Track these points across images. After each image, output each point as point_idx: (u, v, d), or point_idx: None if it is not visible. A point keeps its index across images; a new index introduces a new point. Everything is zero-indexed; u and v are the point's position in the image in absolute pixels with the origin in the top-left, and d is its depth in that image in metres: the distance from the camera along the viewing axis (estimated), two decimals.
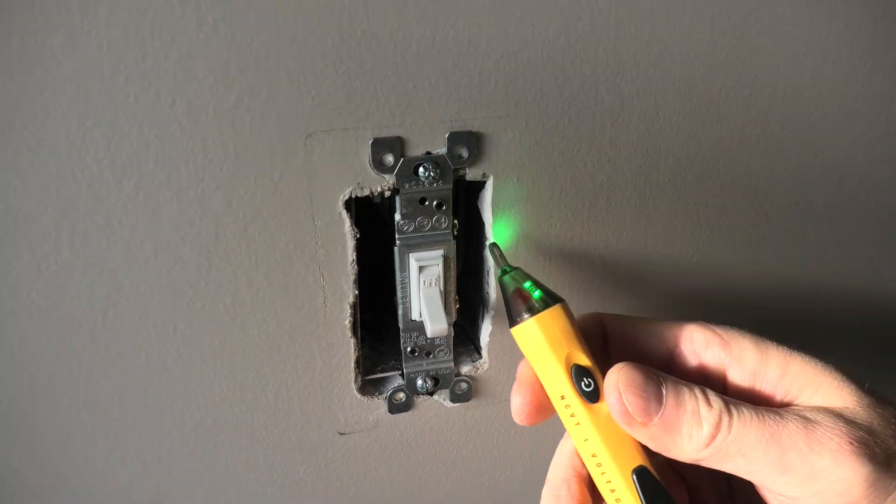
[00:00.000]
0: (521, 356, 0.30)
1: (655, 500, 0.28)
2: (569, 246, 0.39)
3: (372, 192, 0.34)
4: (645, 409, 0.27)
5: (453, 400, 0.41)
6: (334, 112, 0.32)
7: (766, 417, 0.26)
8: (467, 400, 0.41)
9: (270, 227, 0.33)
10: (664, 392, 0.27)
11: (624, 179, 0.38)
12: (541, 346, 0.29)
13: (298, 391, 0.38)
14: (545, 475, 0.32)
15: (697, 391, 0.27)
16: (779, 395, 0.29)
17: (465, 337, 0.43)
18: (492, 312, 0.39)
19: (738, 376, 0.30)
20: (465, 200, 0.39)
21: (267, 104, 0.31)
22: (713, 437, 0.26)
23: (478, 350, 0.41)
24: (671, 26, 0.35)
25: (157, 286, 0.33)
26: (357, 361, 0.38)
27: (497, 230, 0.37)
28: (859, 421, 0.26)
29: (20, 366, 0.33)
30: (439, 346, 0.39)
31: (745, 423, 0.26)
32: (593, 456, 0.29)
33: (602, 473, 0.29)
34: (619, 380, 0.28)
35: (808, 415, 0.26)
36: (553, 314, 0.30)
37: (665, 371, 0.31)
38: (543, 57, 0.33)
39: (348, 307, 0.36)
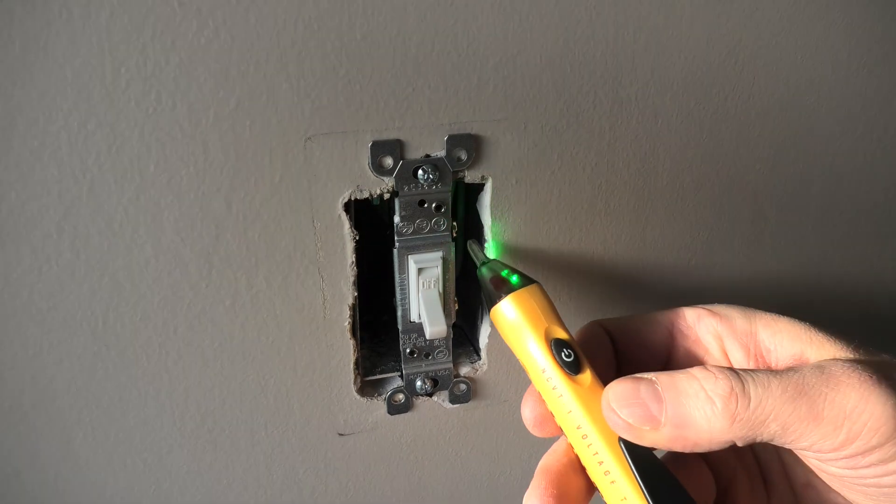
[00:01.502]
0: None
1: (645, 468, 0.27)
2: (567, 248, 0.39)
3: (371, 195, 0.34)
4: (646, 414, 0.26)
5: (452, 401, 0.41)
6: (334, 115, 0.32)
7: (784, 374, 0.25)
8: (466, 401, 0.41)
9: (270, 229, 0.33)
10: (659, 389, 0.26)
11: (622, 182, 0.38)
12: (518, 323, 0.30)
13: (298, 392, 0.38)
14: None
15: (696, 371, 0.26)
16: (773, 351, 0.29)
17: (463, 338, 0.43)
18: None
19: (733, 341, 0.30)
20: (464, 202, 0.39)
21: (267, 108, 0.31)
22: (731, 409, 0.25)
23: (477, 351, 0.42)
24: (669, 30, 0.35)
25: (158, 288, 0.33)
26: (356, 363, 0.38)
27: (495, 232, 0.37)
28: (868, 361, 0.26)
29: (21, 367, 0.33)
30: (438, 347, 0.39)
31: (764, 384, 0.25)
32: (578, 428, 0.28)
33: (588, 446, 0.28)
34: (609, 399, 0.27)
35: (821, 364, 0.26)
36: (529, 291, 0.30)
37: (669, 353, 0.32)
38: (542, 60, 0.33)
39: (347, 309, 0.36)
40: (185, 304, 0.34)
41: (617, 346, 0.33)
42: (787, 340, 0.29)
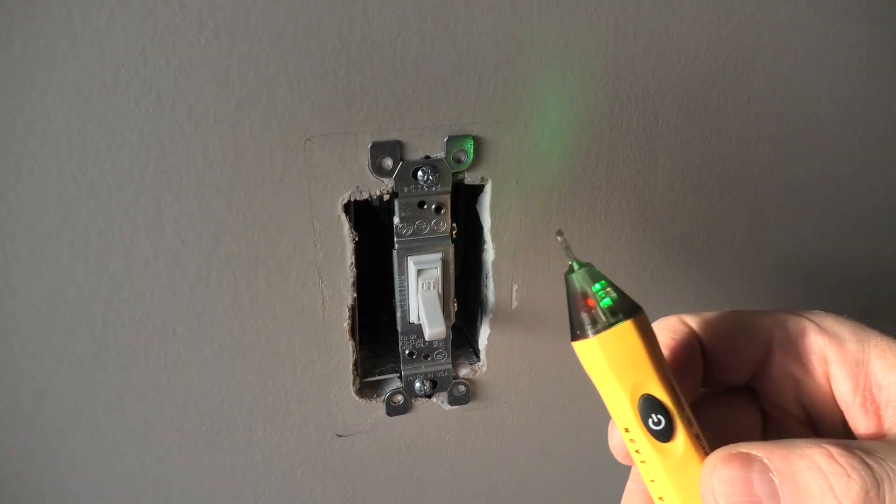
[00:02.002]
0: (519, 360, 0.30)
1: None
2: None
3: (371, 196, 0.34)
4: None
5: (451, 402, 0.41)
6: (334, 116, 0.32)
7: None
8: (465, 402, 0.41)
9: (270, 230, 0.33)
10: (776, 482, 0.21)
11: (622, 183, 0.38)
12: (603, 371, 0.24)
13: (297, 393, 0.38)
14: (544, 479, 0.33)
15: (819, 459, 0.21)
16: (886, 389, 0.25)
17: (463, 340, 0.43)
18: (490, 315, 0.39)
19: (840, 368, 0.26)
20: (464, 203, 0.39)
21: (267, 109, 0.31)
22: None
23: (476, 353, 0.41)
24: (669, 32, 0.35)
25: (157, 289, 0.33)
26: (355, 364, 0.38)
27: (494, 234, 0.37)
28: None
29: (21, 367, 0.33)
30: (437, 348, 0.39)
31: None
32: (661, 500, 0.25)
33: None
34: (714, 487, 0.22)
35: None
36: (621, 332, 0.24)
37: (763, 365, 0.28)
38: (541, 62, 0.33)
39: (347, 310, 0.36)
40: (184, 305, 0.34)
41: (705, 352, 0.28)
42: None
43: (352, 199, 0.34)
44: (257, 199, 0.32)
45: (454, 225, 0.38)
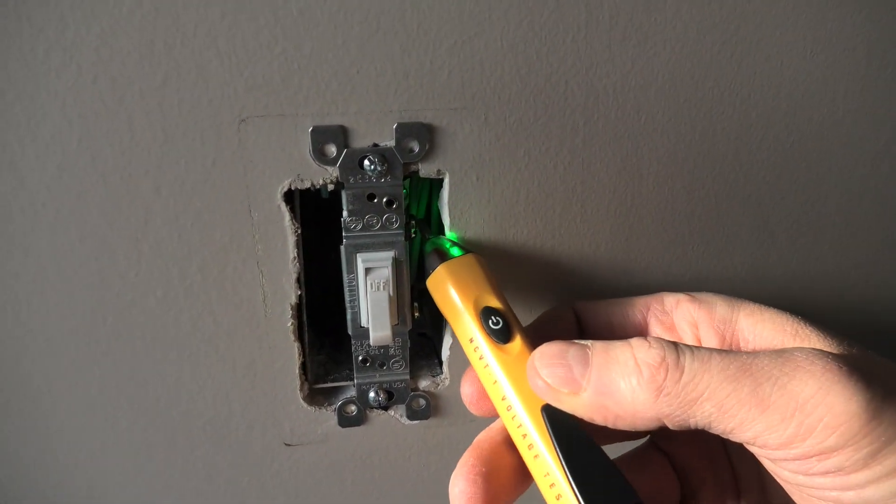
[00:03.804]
0: None
1: (567, 437, 0.25)
2: (538, 256, 0.35)
3: (314, 185, 0.32)
4: (568, 376, 0.24)
5: (410, 417, 0.38)
6: (270, 96, 0.30)
7: (731, 354, 0.22)
8: (426, 418, 0.38)
9: (204, 217, 0.31)
10: (590, 353, 0.24)
11: (600, 184, 0.34)
12: (448, 291, 0.29)
13: (238, 395, 0.35)
14: None
15: (634, 340, 0.24)
16: (751, 342, 0.26)
17: (430, 350, 0.40)
18: None
19: (708, 328, 0.28)
20: (427, 200, 0.36)
21: (196, 85, 0.29)
22: (659, 380, 0.22)
23: (441, 364, 0.38)
24: (650, 14, 0.31)
25: (85, 274, 0.31)
26: (302, 367, 0.35)
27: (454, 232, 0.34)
28: (845, 354, 0.22)
29: None
30: (394, 356, 0.36)
31: (703, 359, 0.22)
32: (503, 399, 0.27)
33: (512, 417, 0.26)
34: (534, 359, 0.25)
35: (783, 349, 0.22)
36: (462, 260, 0.30)
37: None
38: (504, 44, 0.30)
39: (290, 308, 0.34)
40: (113, 293, 0.32)
41: (586, 329, 0.31)
42: (769, 331, 0.26)
43: (293, 188, 0.31)
44: (188, 184, 0.30)
45: (414, 222, 0.35)
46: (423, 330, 0.41)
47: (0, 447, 0.35)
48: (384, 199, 0.32)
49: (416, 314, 0.39)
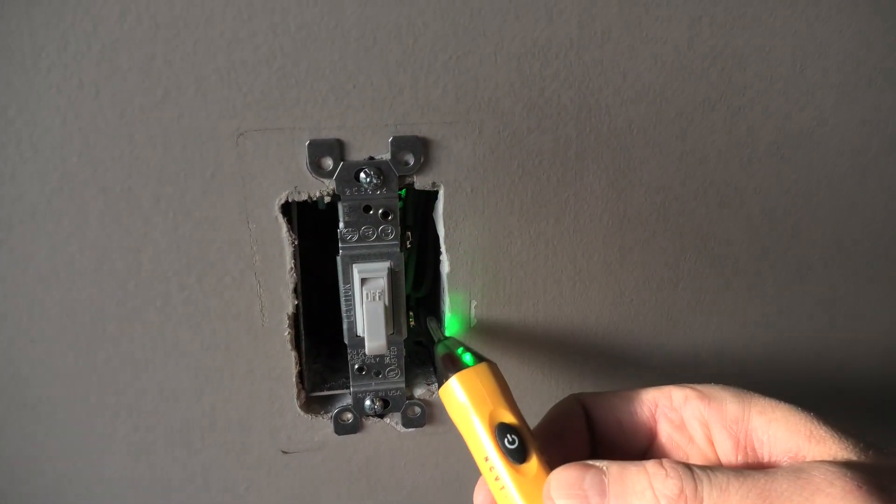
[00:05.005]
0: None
1: None
2: (531, 267, 0.36)
3: (310, 197, 0.32)
4: None
5: (406, 424, 0.38)
6: (268, 110, 0.30)
7: (750, 476, 0.22)
8: (421, 426, 0.38)
9: (203, 228, 0.32)
10: (606, 481, 0.24)
11: (594, 196, 0.35)
12: (462, 404, 0.28)
13: (236, 402, 0.36)
14: None
15: (650, 466, 0.24)
16: (767, 444, 0.26)
17: (426, 358, 0.41)
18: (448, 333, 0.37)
19: (721, 428, 0.27)
20: (421, 212, 0.36)
21: (195, 99, 0.29)
22: None
23: (436, 372, 0.39)
24: (642, 31, 0.32)
25: (85, 284, 0.32)
26: (299, 376, 0.36)
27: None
28: (865, 466, 0.22)
29: None
30: (389, 365, 0.37)
31: (721, 487, 0.22)
32: None
33: None
34: (550, 487, 0.25)
35: (801, 466, 0.22)
36: (476, 371, 0.29)
37: (652, 437, 0.29)
38: (498, 59, 0.31)
39: (287, 318, 0.34)
40: (113, 303, 0.32)
41: (595, 425, 0.30)
42: (784, 433, 0.25)
43: (290, 200, 0.32)
44: (188, 196, 0.31)
45: (409, 234, 0.36)
46: (419, 338, 0.42)
47: None
48: (380, 211, 0.33)
49: (412, 323, 0.39)
